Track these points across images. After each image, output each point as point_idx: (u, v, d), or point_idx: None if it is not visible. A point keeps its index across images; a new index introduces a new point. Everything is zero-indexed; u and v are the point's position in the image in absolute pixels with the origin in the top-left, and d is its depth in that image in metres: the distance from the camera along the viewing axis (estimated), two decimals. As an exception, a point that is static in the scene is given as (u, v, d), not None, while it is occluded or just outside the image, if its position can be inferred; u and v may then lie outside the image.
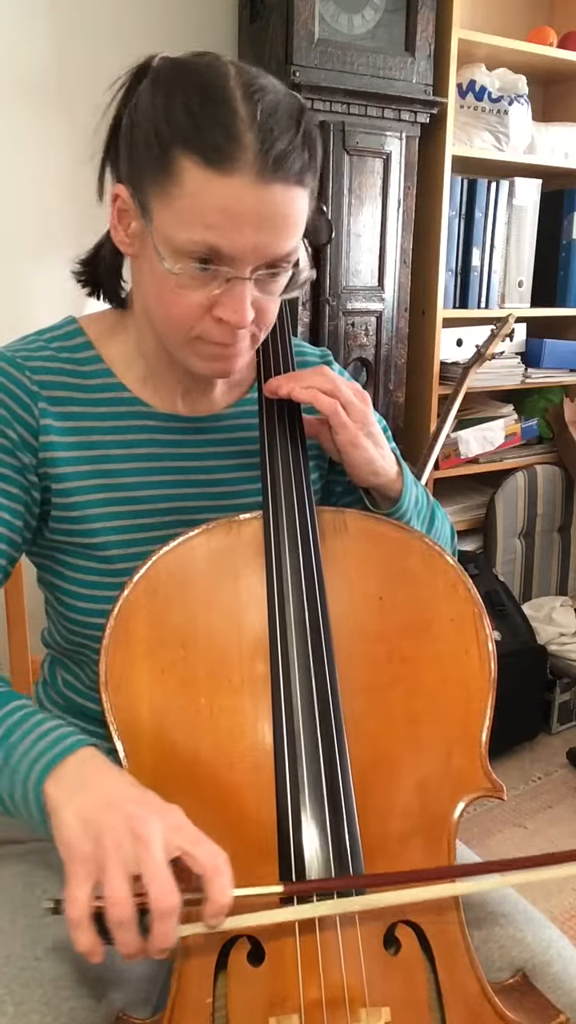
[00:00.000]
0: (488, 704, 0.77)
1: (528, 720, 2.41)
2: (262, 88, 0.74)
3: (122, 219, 0.80)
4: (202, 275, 0.76)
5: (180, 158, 0.72)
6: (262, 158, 0.71)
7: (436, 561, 0.83)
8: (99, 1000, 0.74)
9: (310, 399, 0.83)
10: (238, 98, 0.72)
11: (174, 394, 0.91)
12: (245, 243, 0.74)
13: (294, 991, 0.65)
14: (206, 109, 0.71)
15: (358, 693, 0.77)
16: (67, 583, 0.88)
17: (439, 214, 2.13)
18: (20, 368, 0.85)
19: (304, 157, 0.74)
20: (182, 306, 0.78)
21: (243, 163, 0.71)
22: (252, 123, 0.71)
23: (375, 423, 0.87)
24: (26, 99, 1.84)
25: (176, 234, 0.74)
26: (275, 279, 0.79)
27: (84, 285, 0.92)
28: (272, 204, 0.73)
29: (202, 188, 0.72)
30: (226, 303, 0.77)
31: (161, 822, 0.62)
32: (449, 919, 0.71)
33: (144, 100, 0.76)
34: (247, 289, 0.76)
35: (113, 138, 0.82)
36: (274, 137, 0.72)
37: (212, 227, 0.73)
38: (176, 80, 0.74)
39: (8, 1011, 0.70)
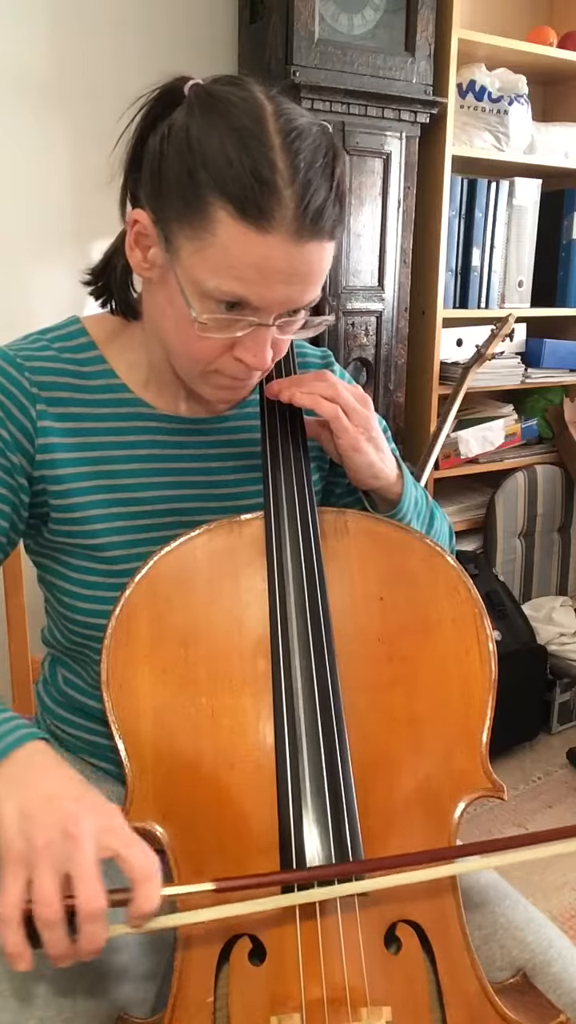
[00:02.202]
0: (488, 704, 0.78)
1: (528, 720, 2.41)
2: (300, 134, 0.72)
3: (139, 242, 0.79)
4: (226, 319, 0.75)
5: (215, 206, 0.70)
6: (300, 217, 0.70)
7: (437, 561, 0.83)
8: (101, 997, 0.74)
9: (311, 404, 0.83)
10: (277, 148, 0.70)
11: (176, 396, 0.91)
12: (275, 298, 0.74)
13: (295, 990, 0.65)
14: (244, 157, 0.70)
15: (359, 693, 0.77)
16: (68, 583, 0.88)
17: (439, 214, 2.13)
18: (20, 368, 0.85)
19: (336, 211, 0.74)
20: (203, 345, 0.78)
21: (280, 221, 0.70)
22: (292, 179, 0.70)
23: (376, 427, 0.87)
24: (25, 99, 1.84)
25: (205, 280, 0.73)
26: (294, 322, 0.79)
27: (95, 295, 0.91)
28: (304, 263, 0.73)
29: (236, 242, 0.71)
30: (248, 346, 0.77)
31: (95, 822, 0.61)
32: (450, 918, 0.71)
33: (178, 134, 0.73)
34: (269, 334, 0.77)
35: (133, 160, 0.81)
36: (311, 193, 0.71)
37: (243, 281, 0.72)
38: (212, 116, 0.72)
39: (11, 1006, 0.71)
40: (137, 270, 0.81)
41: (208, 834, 0.71)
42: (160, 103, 0.78)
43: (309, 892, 0.67)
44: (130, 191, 0.82)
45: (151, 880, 0.60)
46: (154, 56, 1.92)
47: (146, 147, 0.78)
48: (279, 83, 1.80)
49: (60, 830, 0.60)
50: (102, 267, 0.89)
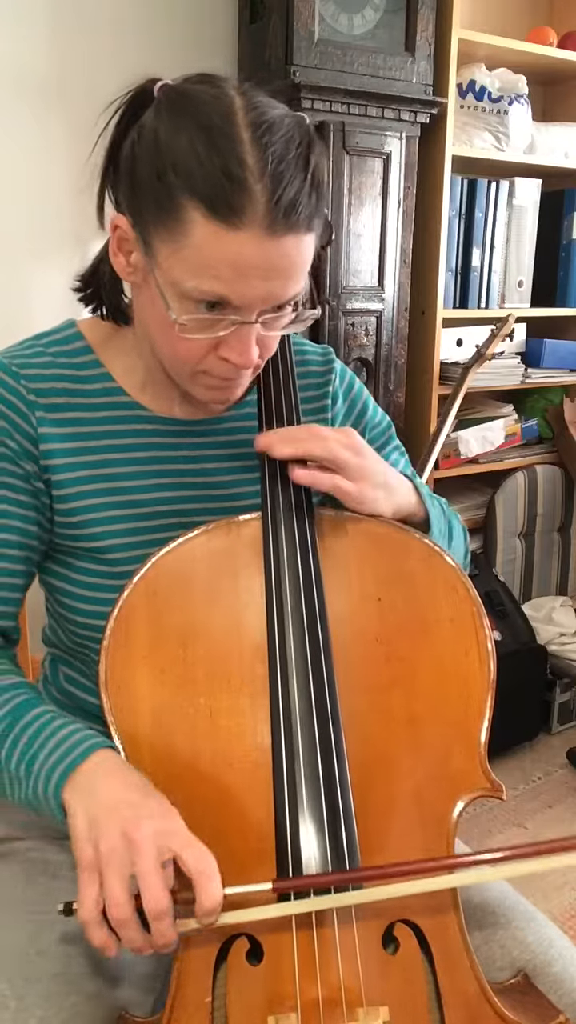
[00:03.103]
0: (487, 704, 0.77)
1: (528, 720, 2.41)
2: (270, 126, 0.71)
3: (122, 247, 0.79)
4: (208, 319, 0.75)
5: (187, 207, 0.70)
6: (272, 211, 0.70)
7: (435, 561, 0.83)
8: (100, 996, 0.74)
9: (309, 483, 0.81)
10: (246, 142, 0.70)
11: (172, 398, 0.91)
12: (254, 294, 0.73)
13: (292, 990, 0.65)
14: (213, 156, 0.69)
15: (357, 693, 0.77)
16: (69, 585, 0.88)
17: (439, 214, 2.13)
18: (16, 376, 0.85)
19: (312, 202, 0.73)
20: (186, 347, 0.78)
21: (252, 217, 0.69)
22: (262, 173, 0.69)
23: (380, 470, 0.85)
24: (25, 99, 1.84)
25: (183, 281, 0.73)
26: (279, 319, 0.79)
27: (85, 302, 0.90)
28: (281, 257, 0.72)
29: (209, 241, 0.70)
30: (232, 345, 0.77)
31: (154, 826, 0.65)
32: (448, 919, 0.71)
33: (147, 136, 0.73)
34: (253, 332, 0.76)
35: (110, 165, 0.81)
36: (283, 186, 0.70)
37: (219, 279, 0.72)
38: (181, 117, 0.72)
39: (10, 1006, 0.71)
40: (122, 275, 0.81)
41: (207, 835, 0.71)
42: (132, 106, 0.78)
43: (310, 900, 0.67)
44: (112, 196, 0.82)
45: (209, 878, 0.64)
46: (154, 56, 1.92)
47: (121, 151, 0.78)
48: (279, 83, 1.81)
49: (122, 836, 0.64)
50: (91, 274, 0.89)
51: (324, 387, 0.99)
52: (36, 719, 0.75)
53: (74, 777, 0.70)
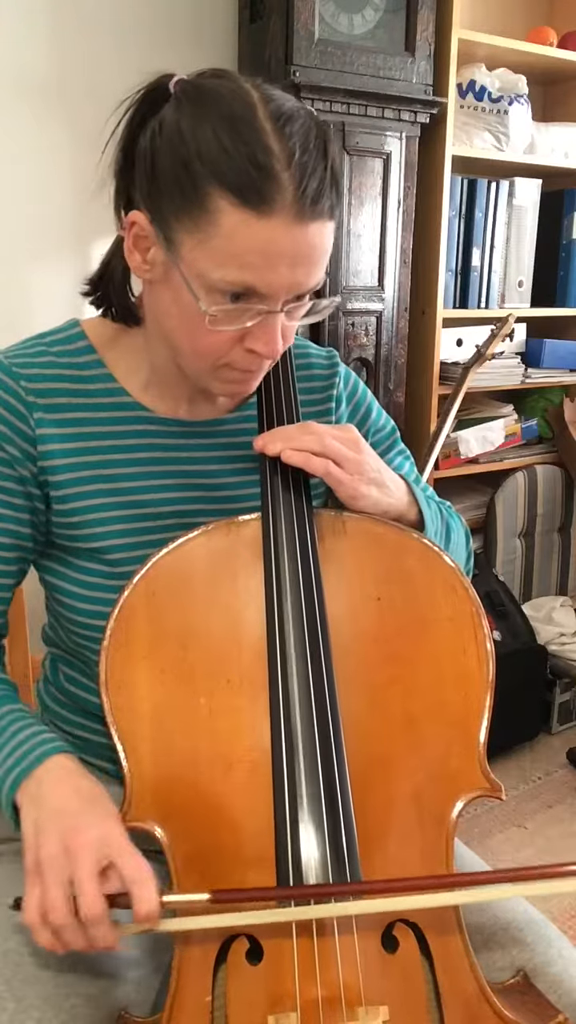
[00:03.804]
0: (486, 704, 0.77)
1: (528, 720, 2.41)
2: (290, 118, 0.72)
3: (138, 244, 0.79)
4: (235, 310, 0.75)
5: (214, 196, 0.70)
6: (300, 199, 0.71)
7: (434, 561, 0.83)
8: (99, 997, 0.74)
9: (302, 463, 0.81)
10: (269, 132, 0.71)
11: (177, 400, 0.91)
12: (281, 282, 0.74)
13: (292, 990, 0.65)
14: (239, 145, 0.70)
15: (356, 693, 0.77)
16: (70, 585, 0.89)
17: (439, 214, 2.13)
18: (15, 377, 0.85)
19: (333, 192, 0.74)
20: (213, 340, 0.78)
21: (281, 203, 0.70)
22: (288, 161, 0.70)
23: (374, 466, 0.85)
24: (25, 99, 1.84)
25: (210, 272, 0.73)
26: (301, 307, 0.79)
27: (96, 304, 0.90)
28: (307, 244, 0.73)
29: (238, 229, 0.71)
30: (258, 336, 0.77)
31: (91, 833, 0.67)
32: (448, 919, 0.71)
33: (169, 128, 0.73)
34: (279, 321, 0.76)
35: (124, 162, 0.81)
36: (309, 175, 0.71)
37: (249, 268, 0.72)
38: (202, 108, 0.72)
39: (8, 1007, 0.71)
40: (137, 272, 0.81)
41: (206, 836, 0.71)
42: (146, 103, 0.78)
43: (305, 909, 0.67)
44: (124, 194, 0.82)
45: (142, 884, 0.65)
46: (154, 56, 1.92)
47: (136, 148, 0.77)
48: (279, 83, 1.81)
49: (62, 843, 0.66)
50: (99, 275, 0.89)
51: (328, 390, 0.99)
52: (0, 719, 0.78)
53: (27, 783, 0.72)
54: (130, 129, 0.79)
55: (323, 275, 0.77)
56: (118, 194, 0.83)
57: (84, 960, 0.75)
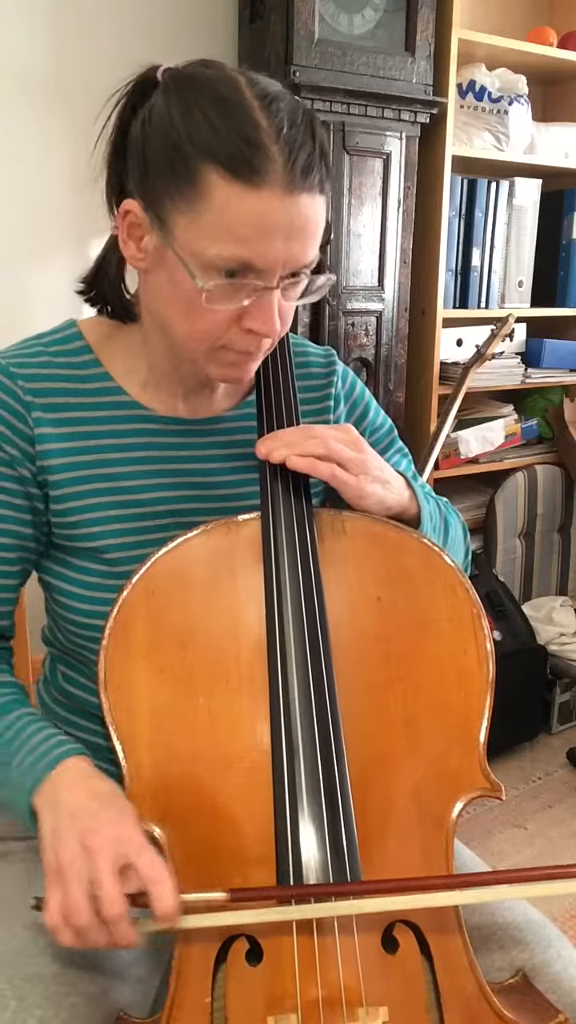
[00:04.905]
0: (486, 704, 0.77)
1: (528, 720, 2.41)
2: (276, 96, 0.74)
3: (132, 234, 0.79)
4: (231, 288, 0.75)
5: (206, 172, 0.71)
6: (290, 169, 0.71)
7: (434, 561, 0.83)
8: (100, 996, 0.74)
9: (307, 469, 0.81)
10: (257, 109, 0.72)
11: (174, 397, 0.91)
12: (276, 255, 0.74)
13: (292, 990, 0.65)
14: (228, 121, 0.71)
15: (356, 693, 0.77)
16: (69, 585, 0.89)
17: (439, 214, 2.13)
18: (12, 377, 0.85)
19: (323, 167, 0.75)
20: (210, 319, 0.77)
21: (272, 175, 0.71)
22: (277, 134, 0.71)
23: (377, 464, 0.85)
24: (25, 99, 1.84)
25: (205, 249, 0.73)
26: (296, 285, 0.79)
27: (90, 303, 0.91)
28: (300, 215, 0.73)
29: (231, 203, 0.71)
30: (255, 314, 0.77)
31: (109, 834, 0.67)
32: (448, 919, 0.71)
33: (158, 114, 0.74)
34: (276, 298, 0.76)
35: (115, 154, 0.81)
36: (298, 148, 0.72)
37: (243, 241, 0.72)
38: (190, 93, 0.73)
39: (10, 1005, 0.71)
40: (132, 262, 0.81)
41: (206, 836, 0.71)
42: (135, 93, 0.79)
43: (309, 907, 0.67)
44: (117, 187, 0.82)
45: (159, 883, 0.65)
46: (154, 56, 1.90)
47: (128, 137, 0.78)
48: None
49: (80, 845, 0.67)
50: (94, 273, 0.89)
51: (326, 389, 0.98)
52: (13, 723, 0.78)
53: (43, 787, 0.72)
54: (121, 120, 0.80)
55: (317, 252, 0.77)
56: (110, 186, 0.83)
57: (85, 959, 0.75)
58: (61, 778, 0.72)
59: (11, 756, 0.75)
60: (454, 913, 0.71)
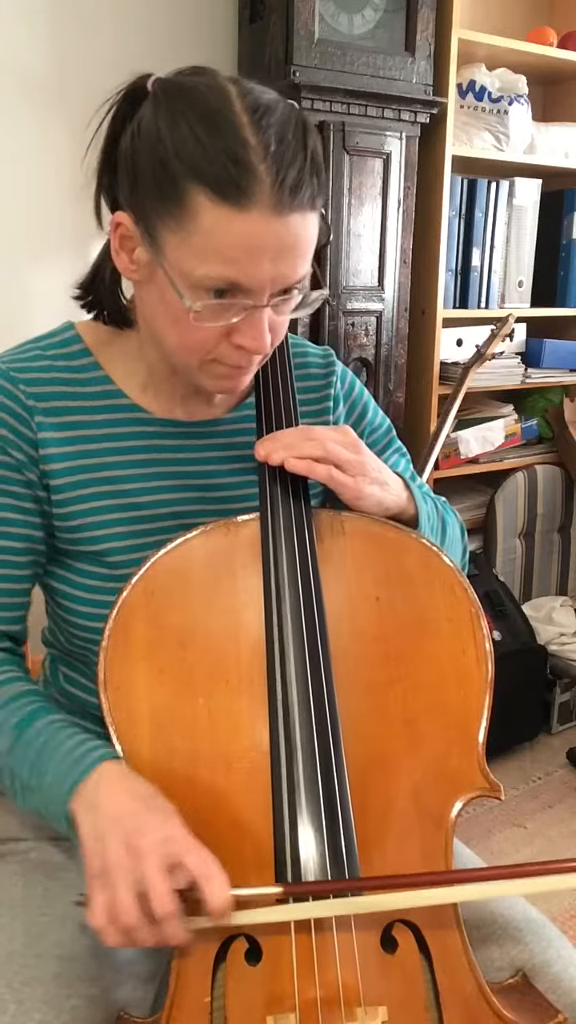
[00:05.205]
0: (485, 704, 0.77)
1: (528, 720, 2.41)
2: (267, 109, 0.72)
3: (124, 245, 0.79)
4: (219, 307, 0.75)
5: (193, 192, 0.70)
6: (278, 190, 0.70)
7: (433, 561, 0.83)
8: (100, 997, 0.74)
9: (306, 471, 0.81)
10: (246, 125, 0.70)
11: (173, 400, 0.91)
12: (264, 275, 0.73)
13: (291, 990, 0.65)
14: (215, 140, 0.70)
15: (355, 693, 0.77)
16: (69, 587, 0.89)
17: (439, 214, 2.13)
18: (14, 382, 0.85)
19: (315, 182, 0.74)
20: (200, 336, 0.77)
21: (260, 196, 0.70)
22: (265, 153, 0.70)
23: (375, 465, 0.85)
24: (26, 99, 1.84)
25: (193, 270, 0.73)
26: (288, 302, 0.79)
27: (87, 308, 0.91)
28: (289, 235, 0.73)
29: (218, 225, 0.71)
30: (245, 331, 0.77)
31: (155, 834, 0.66)
32: (447, 919, 0.71)
33: (147, 127, 0.73)
34: (265, 316, 0.76)
35: (106, 163, 0.81)
36: (287, 166, 0.71)
37: (231, 262, 0.72)
38: (178, 106, 0.72)
39: (10, 1009, 0.71)
40: (125, 273, 0.81)
41: (205, 836, 0.71)
42: (126, 103, 0.78)
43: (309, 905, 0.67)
44: (110, 196, 0.82)
45: (212, 879, 0.65)
46: (154, 56, 1.92)
47: (118, 148, 0.78)
48: (279, 83, 1.81)
49: (126, 846, 0.66)
50: (90, 279, 0.89)
51: (325, 389, 0.99)
52: (45, 729, 0.77)
53: (79, 791, 0.71)
54: (112, 130, 0.80)
55: (308, 267, 0.77)
56: (100, 195, 0.83)
57: (84, 961, 0.75)
58: (98, 782, 0.71)
59: (44, 763, 0.74)
60: (453, 912, 0.71)
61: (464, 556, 1.02)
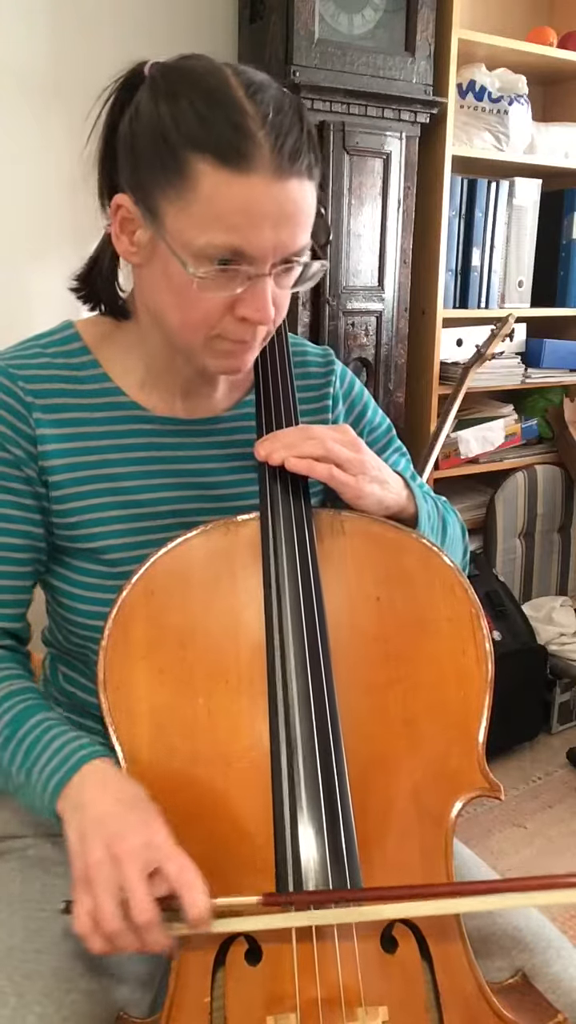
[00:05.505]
0: (485, 704, 0.77)
1: (528, 720, 2.41)
2: (261, 86, 0.74)
3: (124, 228, 0.79)
4: (223, 276, 0.75)
5: (194, 161, 0.71)
6: (277, 154, 0.71)
7: (433, 561, 0.83)
8: (100, 993, 0.74)
9: (306, 470, 0.81)
10: (243, 97, 0.72)
11: (173, 397, 0.91)
12: (266, 241, 0.74)
13: (291, 990, 0.65)
14: (215, 110, 0.71)
15: (355, 692, 0.77)
16: (68, 585, 0.89)
17: (439, 214, 2.13)
18: (13, 379, 0.85)
19: (311, 153, 0.75)
20: (204, 308, 0.77)
21: (260, 160, 0.71)
22: (263, 121, 0.71)
23: (375, 464, 0.85)
24: (26, 98, 1.84)
25: (195, 238, 0.73)
26: (290, 273, 0.79)
27: (84, 300, 0.91)
28: (289, 200, 0.73)
29: (220, 189, 0.71)
30: (249, 301, 0.77)
31: (137, 839, 0.66)
32: (447, 919, 0.71)
33: (146, 108, 0.75)
34: (268, 285, 0.76)
35: (106, 151, 0.81)
36: (285, 133, 0.72)
37: (233, 228, 0.73)
38: (177, 85, 0.74)
39: (10, 1002, 0.71)
40: (125, 256, 0.82)
41: (206, 836, 0.71)
42: (124, 89, 0.80)
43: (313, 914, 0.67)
44: (110, 183, 0.82)
45: (191, 888, 0.65)
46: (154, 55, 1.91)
47: (118, 134, 0.79)
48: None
49: (107, 850, 0.66)
50: (88, 271, 0.90)
51: (324, 388, 0.99)
52: (35, 727, 0.77)
53: (66, 790, 0.71)
54: (110, 117, 0.81)
55: (308, 238, 0.78)
56: (102, 183, 0.83)
57: (85, 957, 0.75)
58: (85, 781, 0.71)
59: (33, 761, 0.74)
60: (454, 916, 0.71)
61: (465, 556, 1.02)
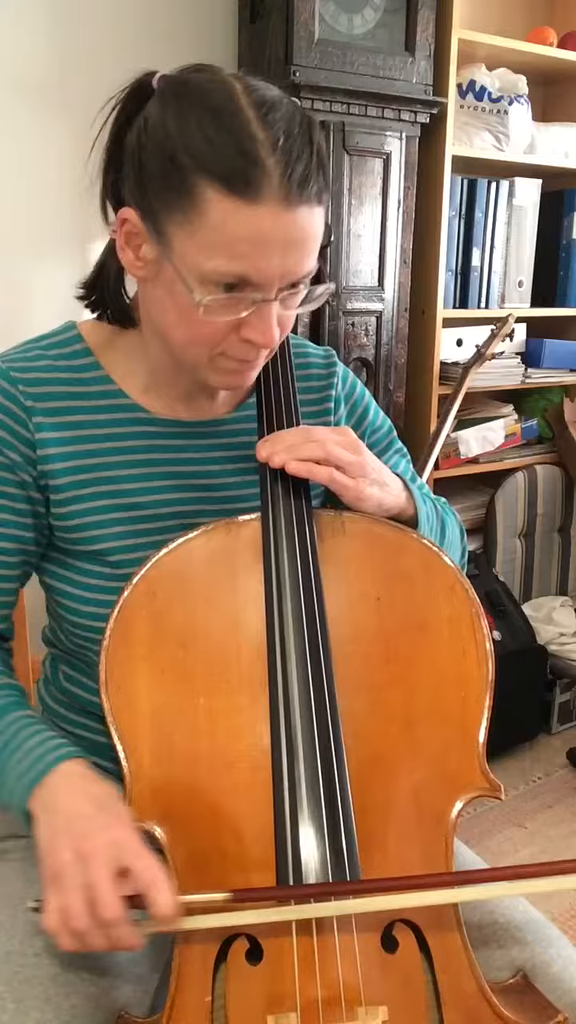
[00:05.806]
0: (486, 704, 0.77)
1: (528, 720, 2.41)
2: (272, 105, 0.73)
3: (130, 242, 0.79)
4: (229, 301, 0.75)
5: (202, 186, 0.70)
6: (287, 183, 0.70)
7: (433, 561, 0.83)
8: (100, 996, 0.74)
9: (306, 474, 0.81)
10: (253, 120, 0.71)
11: (175, 400, 0.91)
12: (273, 269, 0.73)
13: (292, 990, 0.65)
14: (223, 135, 0.70)
15: (356, 693, 0.77)
16: (70, 586, 0.89)
17: (439, 214, 2.13)
18: (13, 382, 0.85)
19: (321, 178, 0.74)
20: (208, 330, 0.77)
21: (269, 190, 0.70)
22: (273, 147, 0.70)
23: (374, 466, 0.85)
24: (26, 99, 1.84)
25: (202, 264, 0.73)
26: (296, 296, 0.79)
27: (90, 308, 0.90)
28: (297, 228, 0.73)
29: (227, 218, 0.71)
30: (254, 324, 0.77)
31: (103, 838, 0.66)
32: (447, 919, 0.71)
33: (154, 123, 0.74)
34: (274, 310, 0.76)
35: (111, 161, 0.81)
36: (295, 160, 0.71)
37: (240, 257, 0.72)
38: (185, 102, 0.73)
39: (9, 1008, 0.71)
40: (131, 270, 0.81)
41: (206, 836, 0.71)
42: (131, 100, 0.79)
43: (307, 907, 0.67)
44: (114, 193, 0.82)
45: (156, 887, 0.65)
46: (154, 55, 1.91)
47: (124, 146, 0.78)
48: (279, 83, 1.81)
49: (74, 850, 0.66)
50: (94, 278, 0.89)
51: (327, 390, 0.99)
52: (10, 726, 0.78)
53: (38, 790, 0.72)
54: (116, 128, 0.80)
55: (315, 262, 0.77)
56: (105, 192, 0.83)
57: (84, 960, 0.75)
58: (57, 782, 0.72)
59: (6, 759, 0.75)
60: (453, 912, 0.71)
61: (463, 558, 1.02)
